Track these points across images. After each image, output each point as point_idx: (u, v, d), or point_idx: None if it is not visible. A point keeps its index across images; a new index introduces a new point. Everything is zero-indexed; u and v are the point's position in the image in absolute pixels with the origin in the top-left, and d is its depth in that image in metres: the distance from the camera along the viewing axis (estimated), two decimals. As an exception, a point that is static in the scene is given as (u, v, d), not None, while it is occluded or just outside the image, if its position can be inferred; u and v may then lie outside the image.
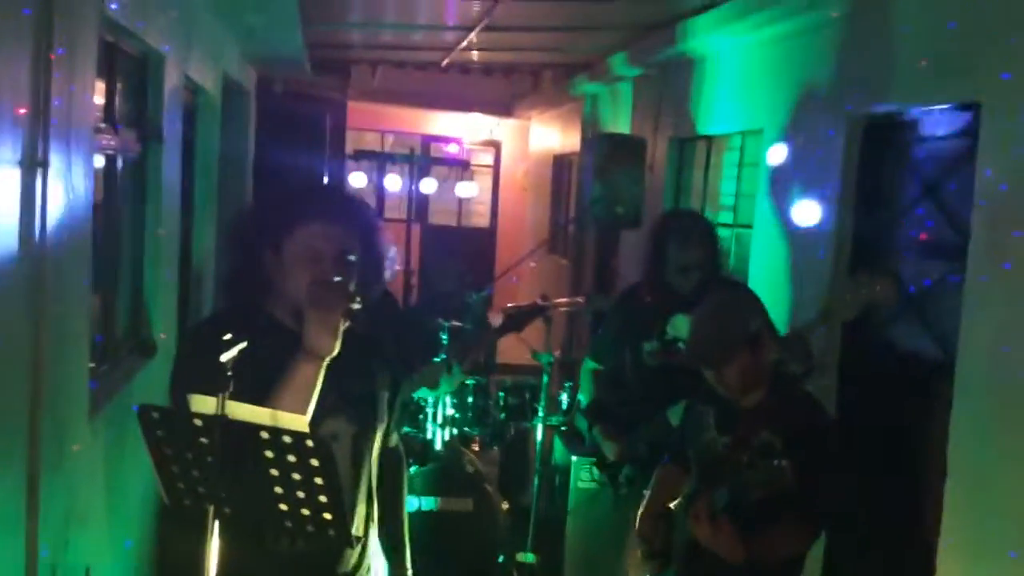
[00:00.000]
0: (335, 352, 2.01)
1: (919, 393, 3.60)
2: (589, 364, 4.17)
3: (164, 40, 4.26)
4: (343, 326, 2.01)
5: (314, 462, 1.83)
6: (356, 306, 2.01)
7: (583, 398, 4.19)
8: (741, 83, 5.28)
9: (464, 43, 7.21)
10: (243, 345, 1.84)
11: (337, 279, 2.06)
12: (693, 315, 2.89)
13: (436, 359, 4.15)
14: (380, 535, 2.33)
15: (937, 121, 3.56)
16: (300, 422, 1.85)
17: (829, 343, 4.01)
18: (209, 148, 6.05)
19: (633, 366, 3.91)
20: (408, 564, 2.43)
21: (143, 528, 4.24)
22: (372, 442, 2.24)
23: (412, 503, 4.44)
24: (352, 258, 2.12)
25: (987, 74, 3.08)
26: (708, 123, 5.82)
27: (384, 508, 2.32)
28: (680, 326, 3.77)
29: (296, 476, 1.85)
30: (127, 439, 3.77)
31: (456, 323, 5.00)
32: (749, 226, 5.12)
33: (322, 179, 8.36)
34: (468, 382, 4.73)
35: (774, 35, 4.82)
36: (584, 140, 8.66)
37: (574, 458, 4.50)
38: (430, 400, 4.69)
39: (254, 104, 8.11)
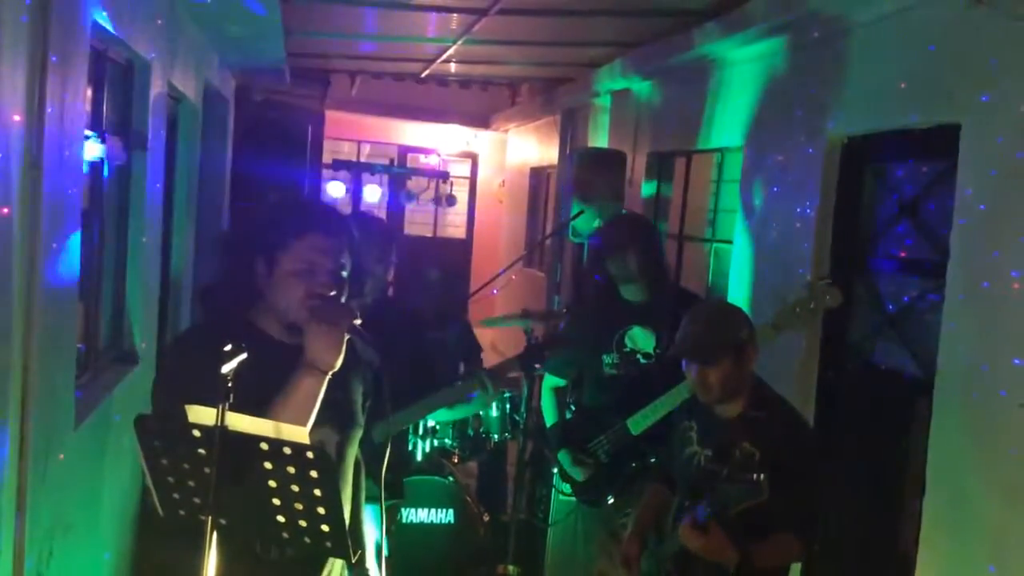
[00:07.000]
0: (337, 367, 2.04)
1: (897, 410, 3.65)
2: (550, 380, 4.08)
3: (150, 47, 4.24)
4: (345, 340, 2.04)
5: (313, 474, 1.83)
6: (358, 321, 2.05)
7: (547, 418, 4.10)
8: (721, 100, 5.34)
9: (443, 56, 7.23)
10: (243, 356, 1.85)
11: (332, 293, 2.08)
12: (688, 312, 2.92)
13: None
14: None
15: (916, 141, 3.62)
16: (300, 433, 1.85)
17: (808, 358, 4.07)
18: (190, 157, 6.03)
19: (592, 377, 3.91)
20: (366, 564, 2.45)
21: (121, 539, 4.20)
22: (355, 449, 2.26)
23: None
24: (344, 273, 2.15)
25: (966, 95, 3.15)
26: (687, 139, 5.87)
27: None
28: (638, 338, 3.80)
29: (295, 488, 1.85)
30: (107, 449, 3.75)
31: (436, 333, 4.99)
32: (729, 241, 5.17)
33: (303, 190, 8.33)
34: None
35: (755, 53, 4.88)
36: (562, 153, 8.70)
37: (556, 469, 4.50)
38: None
39: (232, 112, 8.08)
